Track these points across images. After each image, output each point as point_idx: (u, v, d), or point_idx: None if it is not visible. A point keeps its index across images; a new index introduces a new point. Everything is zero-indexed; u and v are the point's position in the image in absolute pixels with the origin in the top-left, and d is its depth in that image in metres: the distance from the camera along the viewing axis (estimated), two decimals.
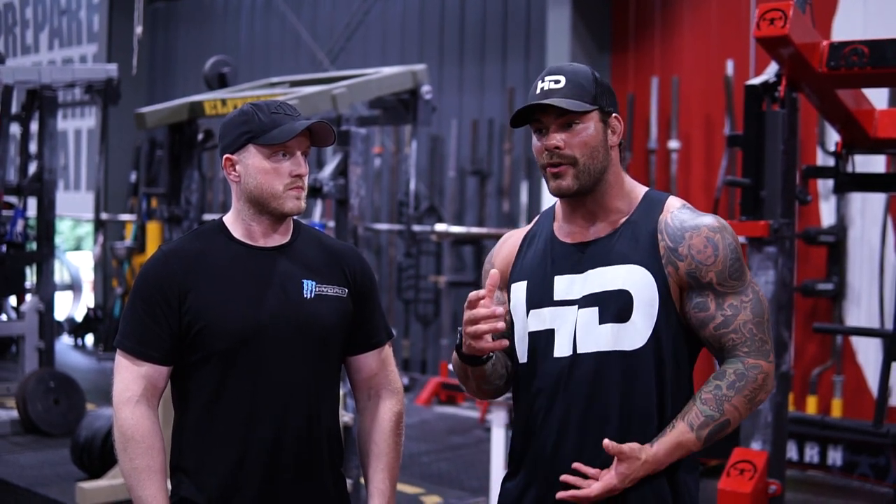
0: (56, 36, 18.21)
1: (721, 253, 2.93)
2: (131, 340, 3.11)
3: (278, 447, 3.13)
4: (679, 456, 2.90)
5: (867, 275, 9.13)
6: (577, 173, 2.94)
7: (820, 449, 7.60)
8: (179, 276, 3.11)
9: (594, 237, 3.02)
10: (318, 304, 3.19)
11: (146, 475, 3.05)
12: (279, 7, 14.99)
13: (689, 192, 10.40)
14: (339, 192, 7.71)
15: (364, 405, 3.38)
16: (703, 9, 10.45)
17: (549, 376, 2.99)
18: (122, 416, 3.06)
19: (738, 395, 2.89)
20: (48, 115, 9.94)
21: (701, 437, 2.88)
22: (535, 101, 2.95)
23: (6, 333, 10.45)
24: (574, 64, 3.05)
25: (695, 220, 2.97)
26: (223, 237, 3.20)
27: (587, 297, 2.96)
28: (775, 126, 5.61)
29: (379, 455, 3.31)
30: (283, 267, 3.18)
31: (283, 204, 3.13)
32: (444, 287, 12.21)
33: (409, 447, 9.19)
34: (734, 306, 2.93)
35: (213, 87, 9.93)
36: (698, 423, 2.88)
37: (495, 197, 12.30)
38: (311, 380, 3.19)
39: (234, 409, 3.11)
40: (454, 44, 12.85)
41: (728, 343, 2.93)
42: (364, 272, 3.34)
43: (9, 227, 10.03)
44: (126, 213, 15.95)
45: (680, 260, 2.93)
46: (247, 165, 3.14)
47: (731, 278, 2.93)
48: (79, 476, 7.76)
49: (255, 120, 3.13)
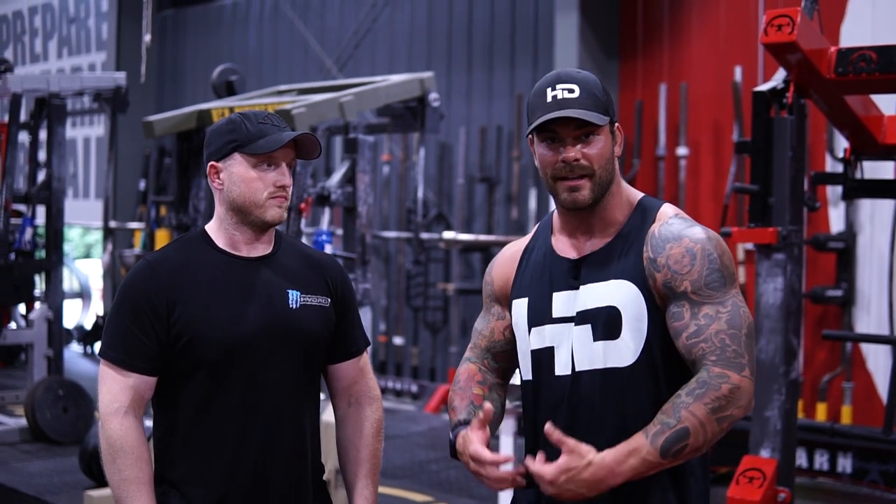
0: (65, 44, 18.24)
1: (698, 263, 2.85)
2: (117, 351, 3.10)
3: (267, 457, 3.15)
4: (637, 467, 2.70)
5: (877, 281, 9.11)
6: (594, 185, 2.91)
7: (830, 456, 7.58)
8: (167, 286, 3.11)
9: (589, 251, 2.99)
10: (303, 314, 3.21)
11: (135, 486, 3.05)
12: (287, 15, 15.00)
13: (697, 198, 10.39)
14: (347, 199, 7.72)
15: (344, 413, 3.41)
16: (712, 15, 10.44)
17: (552, 394, 2.98)
18: (111, 428, 3.06)
19: (696, 402, 2.72)
20: (57, 124, 9.95)
21: (656, 444, 2.69)
22: (550, 110, 2.88)
23: (15, 341, 10.43)
24: (580, 71, 2.98)
25: (681, 231, 2.92)
26: (207, 247, 3.21)
27: (581, 313, 2.94)
28: (783, 132, 5.60)
29: (361, 461, 3.35)
30: (268, 277, 3.20)
31: (265, 213, 3.14)
32: (452, 294, 12.20)
33: (417, 455, 9.21)
34: (709, 316, 2.82)
35: (221, 95, 9.95)
36: (654, 430, 2.71)
37: (504, 204, 12.29)
38: (298, 389, 3.22)
39: (222, 419, 3.12)
40: (462, 51, 12.85)
41: (697, 353, 2.80)
42: (344, 282, 3.37)
43: (18, 235, 10.03)
44: (135, 220, 15.96)
45: (657, 270, 2.89)
46: (231, 174, 3.15)
47: (707, 287, 2.84)
48: (87, 484, 7.75)
49: (242, 129, 3.13)
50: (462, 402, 3.08)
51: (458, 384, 3.13)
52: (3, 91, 9.92)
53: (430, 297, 12.90)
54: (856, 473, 7.48)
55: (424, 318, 12.97)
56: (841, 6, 9.24)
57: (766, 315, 5.62)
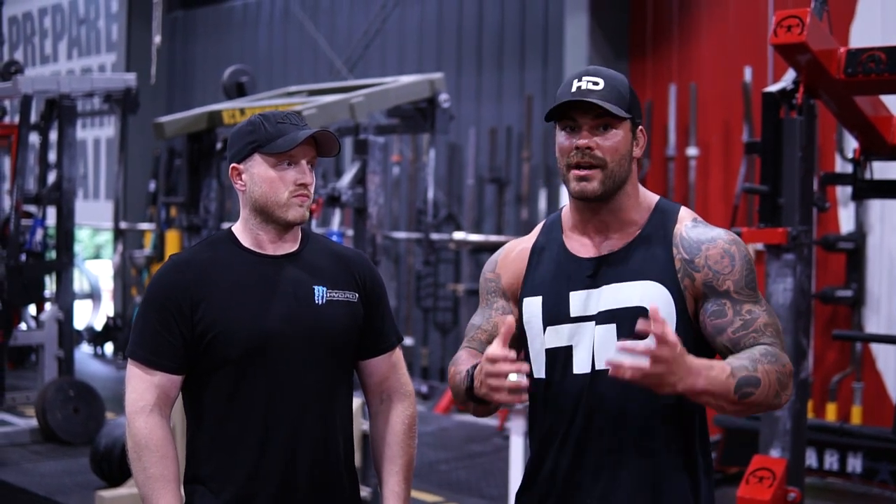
0: (75, 45, 18.29)
1: (738, 263, 2.90)
2: (144, 350, 3.12)
3: (293, 454, 3.14)
4: (717, 382, 2.65)
5: (886, 281, 9.10)
6: (604, 178, 2.90)
7: (839, 456, 7.58)
8: (192, 285, 3.13)
9: (608, 251, 2.99)
10: (329, 310, 3.21)
11: (160, 484, 3.07)
12: (297, 16, 15.03)
13: (707, 199, 10.39)
14: (357, 200, 7.73)
15: (376, 409, 3.40)
16: (721, 15, 10.44)
17: (569, 393, 2.97)
18: (136, 426, 3.08)
19: (770, 364, 2.74)
20: (67, 125, 9.97)
21: (737, 376, 2.68)
22: (574, 98, 2.89)
23: (26, 342, 10.46)
24: (611, 70, 3.00)
25: (710, 233, 2.95)
26: (233, 246, 3.22)
27: (603, 313, 2.94)
28: (793, 133, 5.60)
29: (393, 458, 3.33)
30: (294, 274, 3.20)
31: (287, 212, 3.15)
32: (462, 295, 12.20)
33: (427, 455, 9.21)
34: (752, 311, 2.88)
35: (231, 97, 9.96)
36: (736, 364, 2.71)
37: (513, 205, 12.30)
38: (324, 385, 3.21)
39: (248, 416, 3.13)
40: (472, 52, 12.86)
41: (749, 341, 2.83)
42: (373, 277, 3.36)
43: (28, 236, 10.07)
44: (145, 221, 16.00)
45: (696, 271, 2.91)
46: (252, 174, 3.17)
47: (747, 287, 2.90)
48: (98, 485, 7.77)
49: (262, 129, 3.15)
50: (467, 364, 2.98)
51: (460, 358, 3.06)
52: (14, 92, 9.95)
53: (440, 297, 12.92)
54: (866, 473, 7.47)
55: (434, 318, 12.99)
56: (850, 7, 9.23)
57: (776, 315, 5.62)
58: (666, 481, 2.93)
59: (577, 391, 2.95)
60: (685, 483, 2.95)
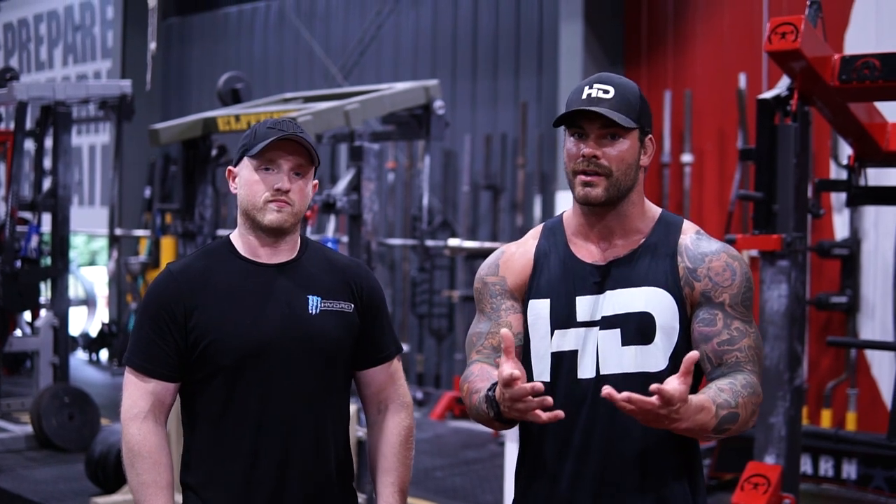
0: (70, 52, 18.28)
1: (738, 279, 2.95)
2: (139, 358, 3.15)
3: (286, 462, 3.15)
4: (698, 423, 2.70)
5: (881, 288, 9.11)
6: (609, 186, 2.92)
7: (834, 462, 7.59)
8: (186, 293, 3.15)
9: (613, 257, 3.01)
10: (323, 320, 3.21)
11: (153, 490, 3.09)
12: (293, 23, 15.04)
13: (702, 206, 10.41)
14: (352, 207, 7.73)
15: (374, 419, 3.40)
16: (716, 22, 10.46)
17: (573, 397, 2.97)
18: (130, 432, 3.11)
19: (748, 397, 2.81)
20: (62, 131, 9.97)
21: (719, 415, 2.74)
22: (583, 106, 2.91)
23: (21, 349, 10.47)
24: (623, 78, 3.02)
25: (714, 246, 3.00)
26: (229, 255, 3.23)
27: (608, 318, 2.96)
28: (787, 140, 5.61)
29: (388, 470, 3.33)
30: (288, 283, 3.20)
31: (264, 216, 3.15)
32: (457, 302, 12.21)
33: (423, 462, 9.21)
34: (741, 330, 2.92)
35: (226, 103, 9.98)
36: (720, 401, 2.76)
37: (509, 211, 12.31)
38: (317, 395, 3.21)
39: (241, 424, 3.14)
40: (467, 59, 12.87)
41: (731, 359, 2.89)
42: (371, 287, 3.34)
43: (23, 242, 10.06)
44: (140, 228, 16.00)
45: (697, 280, 2.95)
46: (240, 178, 3.20)
47: (742, 304, 2.94)
48: (93, 491, 7.77)
49: (252, 134, 3.18)
50: (483, 382, 2.96)
51: (472, 375, 3.02)
52: (9, 99, 9.95)
53: (435, 304, 12.92)
54: (860, 480, 7.48)
55: (429, 325, 12.99)
56: (845, 14, 9.26)
57: (771, 322, 5.64)
58: (667, 486, 2.95)
59: (580, 395, 2.97)
60: (686, 487, 2.98)
